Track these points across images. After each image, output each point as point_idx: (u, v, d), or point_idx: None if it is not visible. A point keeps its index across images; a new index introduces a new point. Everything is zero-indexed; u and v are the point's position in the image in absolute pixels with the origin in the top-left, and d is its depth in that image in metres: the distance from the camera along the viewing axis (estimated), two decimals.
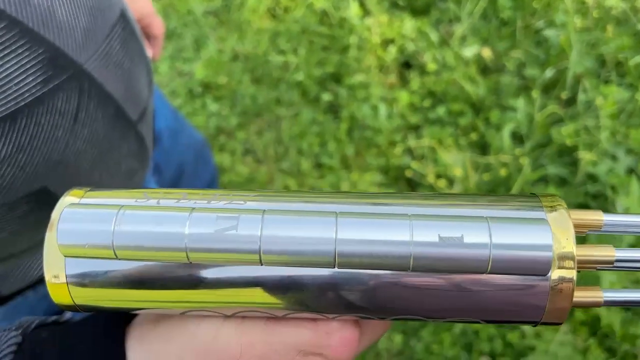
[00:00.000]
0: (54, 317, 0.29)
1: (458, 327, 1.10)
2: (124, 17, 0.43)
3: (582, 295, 0.23)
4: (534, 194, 0.25)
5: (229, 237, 0.21)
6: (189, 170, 0.78)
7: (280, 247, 0.21)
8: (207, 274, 0.23)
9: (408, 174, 1.30)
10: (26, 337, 0.27)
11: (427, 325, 1.13)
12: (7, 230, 0.38)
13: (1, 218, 0.37)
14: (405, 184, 1.33)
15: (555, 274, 0.22)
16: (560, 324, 0.23)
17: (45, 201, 0.39)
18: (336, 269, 0.22)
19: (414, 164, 1.30)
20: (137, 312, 0.26)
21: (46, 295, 0.47)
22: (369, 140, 1.39)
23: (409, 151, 1.35)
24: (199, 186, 0.86)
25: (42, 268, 0.44)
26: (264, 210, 0.22)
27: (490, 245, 0.21)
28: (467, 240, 0.21)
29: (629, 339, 0.99)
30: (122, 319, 0.28)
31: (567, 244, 0.22)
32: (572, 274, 0.22)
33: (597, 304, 0.24)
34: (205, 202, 0.24)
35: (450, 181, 1.27)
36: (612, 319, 0.99)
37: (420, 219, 0.21)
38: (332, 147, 1.41)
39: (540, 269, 0.21)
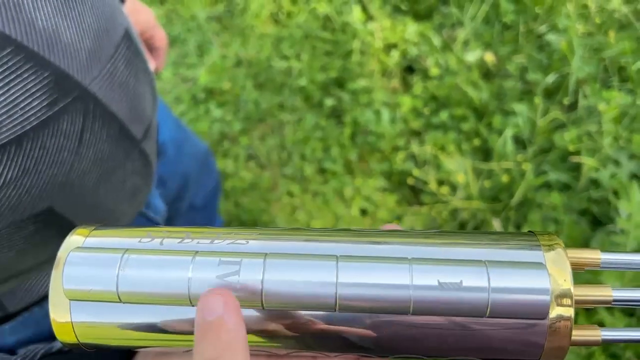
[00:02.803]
0: (58, 346, 0.30)
1: None
2: (128, 35, 0.43)
3: (580, 334, 0.24)
4: (532, 231, 0.25)
5: (231, 282, 0.22)
6: (193, 179, 0.78)
7: (282, 291, 0.21)
8: None
9: (410, 181, 1.30)
10: None
11: None
12: (14, 249, 0.38)
13: (8, 238, 0.37)
14: (408, 190, 1.33)
15: (553, 313, 0.22)
16: None
17: (51, 221, 0.39)
18: (337, 312, 0.22)
19: (416, 172, 1.30)
20: (140, 350, 0.26)
21: None
22: (372, 145, 1.39)
23: (412, 157, 1.35)
24: (202, 195, 0.87)
25: (47, 285, 0.45)
26: (266, 254, 0.22)
27: (489, 290, 0.21)
28: (465, 284, 0.21)
29: (633, 346, 0.99)
30: (126, 353, 0.28)
31: (565, 284, 0.22)
32: (570, 312, 0.22)
33: (595, 343, 0.24)
34: (209, 241, 0.24)
35: (453, 188, 1.27)
36: (616, 325, 0.99)
37: (420, 262, 0.22)
38: (335, 152, 1.41)
39: (538, 312, 0.21)
